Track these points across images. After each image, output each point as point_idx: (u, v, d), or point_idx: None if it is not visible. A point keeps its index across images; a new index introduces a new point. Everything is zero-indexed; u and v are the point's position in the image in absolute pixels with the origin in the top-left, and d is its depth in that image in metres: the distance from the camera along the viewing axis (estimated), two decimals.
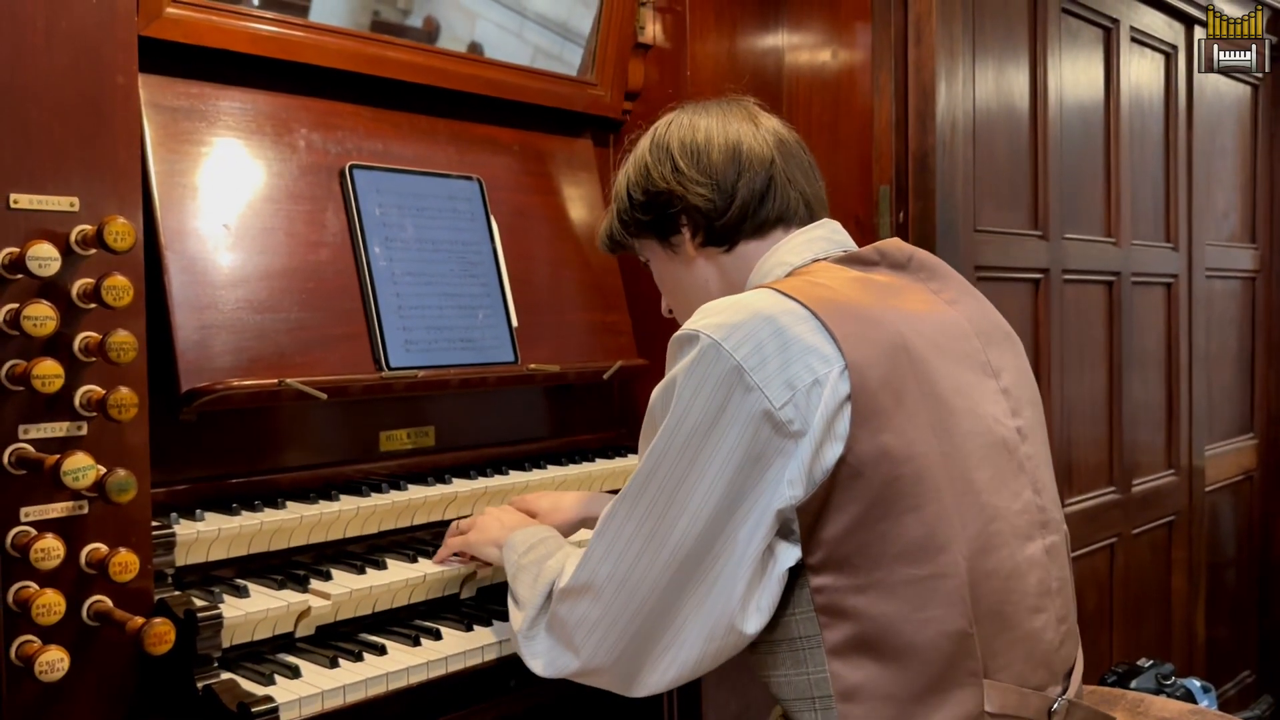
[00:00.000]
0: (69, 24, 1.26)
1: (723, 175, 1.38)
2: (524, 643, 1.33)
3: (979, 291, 1.43)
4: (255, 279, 1.64)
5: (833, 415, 1.14)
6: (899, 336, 1.19)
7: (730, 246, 1.40)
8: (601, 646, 1.24)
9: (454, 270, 1.88)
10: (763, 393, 1.14)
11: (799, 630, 1.20)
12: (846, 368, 1.14)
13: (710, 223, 1.39)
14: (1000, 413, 1.27)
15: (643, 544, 1.20)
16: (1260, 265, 3.84)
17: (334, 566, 1.58)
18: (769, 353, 1.15)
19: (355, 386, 1.70)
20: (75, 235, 1.24)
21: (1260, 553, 3.89)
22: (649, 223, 1.44)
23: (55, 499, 1.23)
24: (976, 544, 1.18)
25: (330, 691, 1.32)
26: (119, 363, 1.24)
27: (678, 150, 1.40)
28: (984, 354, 1.30)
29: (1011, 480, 1.25)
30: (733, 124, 1.41)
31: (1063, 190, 2.73)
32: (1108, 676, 2.62)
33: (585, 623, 1.25)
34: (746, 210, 1.38)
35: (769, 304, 1.19)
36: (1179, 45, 3.27)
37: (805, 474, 1.14)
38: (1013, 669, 1.21)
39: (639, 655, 1.23)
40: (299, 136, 1.76)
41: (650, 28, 2.24)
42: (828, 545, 1.15)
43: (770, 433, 1.14)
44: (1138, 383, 3.10)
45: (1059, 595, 1.29)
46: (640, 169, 1.44)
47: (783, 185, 1.39)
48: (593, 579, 1.24)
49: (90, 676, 1.25)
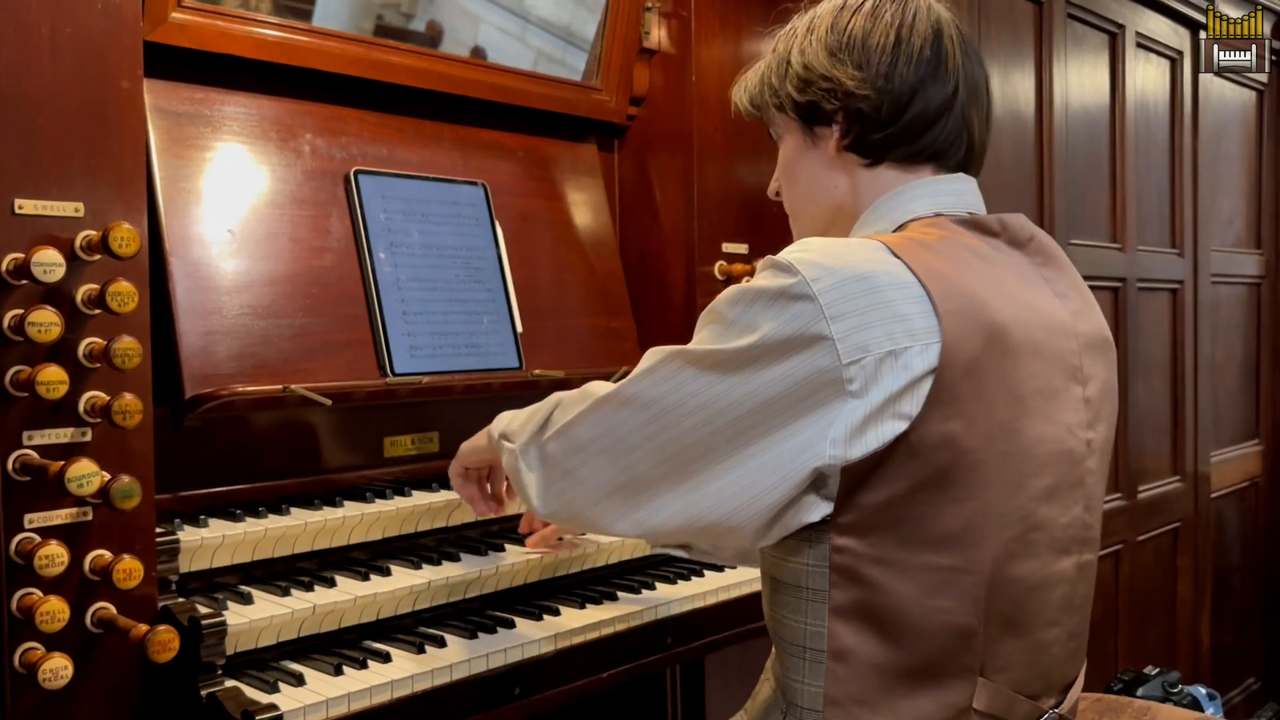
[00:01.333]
0: (74, 29, 1.25)
1: (901, 89, 1.23)
2: (520, 458, 1.31)
3: (1087, 288, 1.35)
4: (260, 284, 1.63)
5: (900, 391, 1.09)
6: (999, 324, 1.13)
7: (874, 162, 1.27)
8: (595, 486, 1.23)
9: (459, 276, 1.88)
10: (834, 343, 1.09)
11: (808, 581, 1.18)
12: (939, 343, 1.09)
13: (866, 131, 1.26)
14: (1077, 423, 1.22)
15: (679, 400, 1.15)
16: (1265, 271, 3.83)
17: (338, 573, 1.57)
18: (852, 308, 1.09)
19: (360, 392, 1.69)
20: (80, 241, 1.24)
21: (1266, 559, 3.87)
22: (801, 105, 1.29)
23: (59, 505, 1.23)
24: (1011, 548, 1.15)
25: (335, 699, 1.32)
26: (123, 369, 1.23)
27: (862, 43, 1.25)
28: (1079, 357, 1.24)
29: (1066, 493, 1.21)
30: (930, 30, 1.25)
31: (1068, 196, 2.73)
32: (1114, 684, 2.62)
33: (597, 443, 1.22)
34: (909, 133, 1.25)
35: (873, 260, 1.12)
36: (1184, 50, 3.27)
37: (851, 436, 1.10)
38: (1011, 674, 1.19)
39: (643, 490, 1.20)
40: (303, 142, 1.76)
41: (655, 33, 2.24)
42: (862, 511, 1.12)
43: (825, 383, 1.09)
44: (1143, 389, 3.09)
45: (1078, 612, 1.27)
46: (817, 44, 1.27)
47: (955, 122, 1.26)
48: (619, 411, 1.20)
49: (94, 684, 1.25)
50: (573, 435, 1.25)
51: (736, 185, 2.24)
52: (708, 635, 1.77)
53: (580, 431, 1.24)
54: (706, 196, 2.18)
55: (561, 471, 1.27)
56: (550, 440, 1.28)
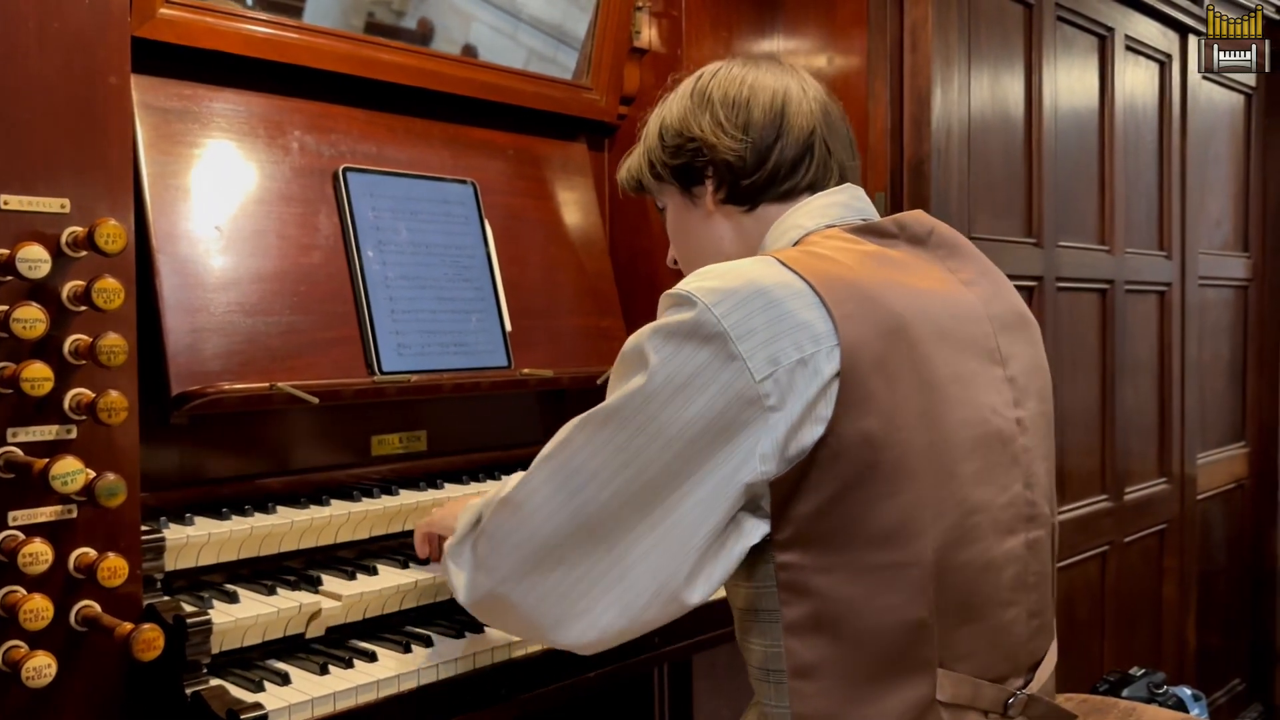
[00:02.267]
0: (61, 24, 1.25)
1: (761, 135, 1.32)
2: (450, 559, 1.30)
3: (998, 270, 1.38)
4: (247, 282, 1.63)
5: (816, 396, 1.11)
6: (899, 318, 1.16)
7: (751, 207, 1.35)
8: (522, 569, 1.19)
9: (447, 274, 1.87)
10: (745, 363, 1.11)
11: (761, 604, 1.19)
12: (839, 346, 1.11)
13: (736, 180, 1.34)
14: (1000, 403, 1.24)
15: (590, 474, 1.16)
16: (1253, 274, 3.85)
17: (325, 572, 1.57)
18: (757, 324, 1.12)
19: (347, 390, 1.69)
20: (66, 237, 1.23)
21: (1251, 561, 3.89)
22: (675, 168, 1.38)
23: (44, 503, 1.22)
24: (951, 535, 1.16)
25: (320, 699, 1.31)
26: (109, 366, 1.23)
27: (719, 100, 1.34)
28: (994, 339, 1.27)
29: (1001, 474, 1.23)
30: (780, 83, 1.35)
31: (1057, 198, 2.74)
32: (1099, 685, 2.62)
33: (511, 538, 1.20)
34: (777, 174, 1.33)
35: (766, 275, 1.15)
36: (1173, 54, 3.28)
37: (779, 451, 1.11)
38: (973, 660, 1.20)
39: (564, 597, 1.18)
40: (292, 139, 1.75)
41: (646, 32, 2.24)
42: (797, 523, 1.14)
43: (744, 404, 1.11)
44: (1130, 391, 3.10)
45: (1035, 590, 1.28)
46: (678, 112, 1.37)
47: (821, 155, 1.34)
48: (530, 496, 1.19)
49: (78, 683, 1.24)
50: (497, 535, 1.23)
51: None
52: (695, 635, 1.77)
53: (504, 531, 1.22)
54: None
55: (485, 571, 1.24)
56: (478, 540, 1.26)
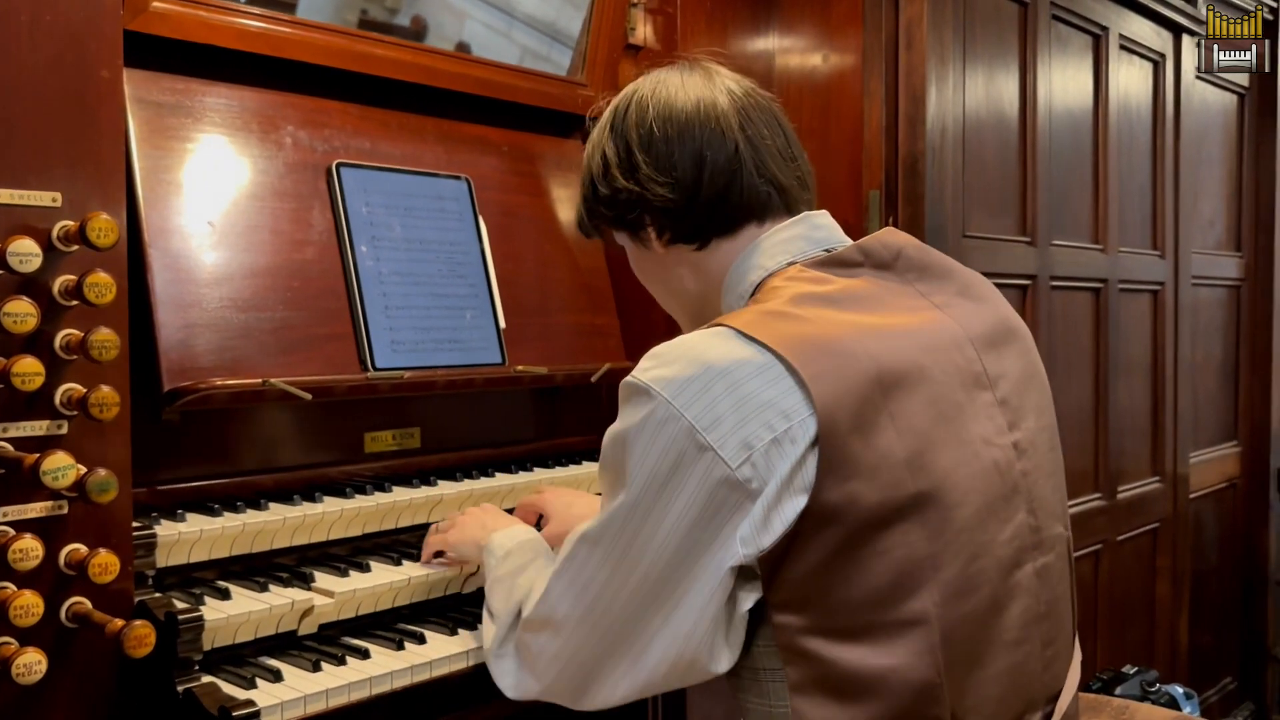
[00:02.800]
0: (53, 17, 1.24)
1: (684, 171, 1.27)
2: (494, 660, 1.33)
3: (982, 280, 1.34)
4: (240, 277, 1.62)
5: (793, 470, 1.08)
6: (874, 366, 1.11)
7: (702, 244, 1.31)
8: (562, 676, 1.25)
9: (441, 271, 1.87)
10: (717, 453, 1.09)
11: (763, 662, 1.17)
12: (814, 415, 1.08)
13: (675, 222, 1.30)
14: (992, 431, 1.20)
15: (601, 586, 1.19)
16: (1245, 274, 3.86)
17: (317, 569, 1.56)
18: (723, 411, 1.09)
19: (340, 387, 1.68)
20: (57, 231, 1.23)
21: (1243, 560, 3.90)
22: (614, 217, 1.35)
23: (34, 499, 1.21)
24: (954, 587, 1.12)
25: (313, 695, 1.31)
26: (100, 361, 1.22)
27: (636, 143, 1.30)
28: (979, 363, 1.22)
29: (1001, 507, 1.18)
30: (694, 105, 1.29)
31: (1051, 197, 2.74)
32: (1093, 683, 2.63)
33: (545, 654, 1.25)
34: (711, 208, 1.28)
35: (726, 353, 1.11)
36: (1167, 54, 3.28)
37: (758, 530, 1.09)
38: (984, 708, 1.16)
39: (595, 682, 1.23)
40: (285, 134, 1.75)
41: (641, 29, 2.23)
42: (789, 586, 1.11)
43: (727, 491, 1.10)
44: (1124, 390, 3.11)
45: (1047, 619, 1.23)
46: (600, 162, 1.34)
47: (748, 177, 1.27)
48: (552, 614, 1.23)
49: (69, 679, 1.24)
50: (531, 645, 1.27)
51: None
52: None
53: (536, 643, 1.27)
54: None
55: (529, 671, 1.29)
56: (518, 646, 1.31)
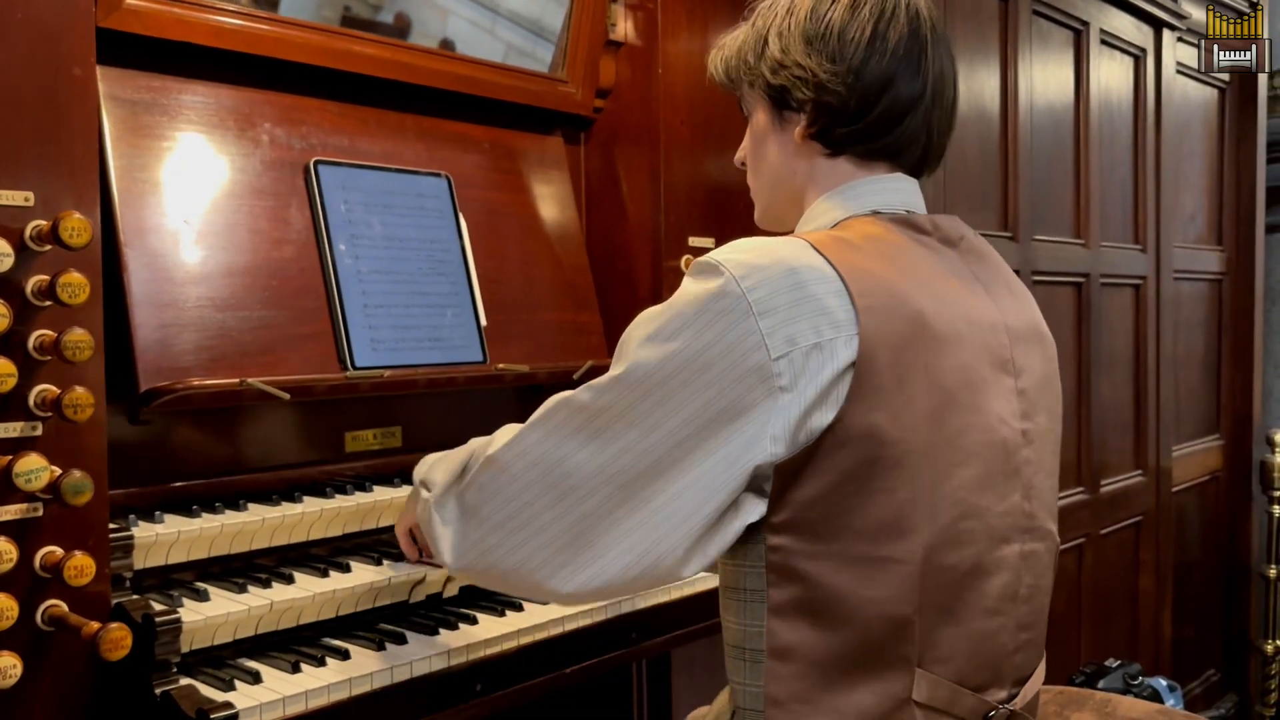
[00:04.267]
0: (24, 14, 1.22)
1: (870, 86, 1.25)
2: (435, 511, 1.28)
3: (1022, 284, 1.37)
4: (217, 276, 1.61)
5: (829, 383, 1.11)
6: (920, 316, 1.15)
7: (835, 153, 1.29)
8: (510, 525, 1.18)
9: (422, 269, 1.86)
10: (763, 338, 1.11)
11: (746, 583, 1.19)
12: (857, 336, 1.11)
13: (831, 124, 1.27)
14: (1008, 413, 1.23)
15: (590, 435, 1.15)
16: (1226, 268, 3.88)
17: (297, 569, 1.55)
18: (780, 303, 1.11)
19: (319, 386, 1.67)
20: (30, 231, 1.21)
21: (1226, 553, 3.92)
22: (774, 87, 1.29)
23: (8, 501, 1.20)
24: (942, 536, 1.16)
25: (292, 697, 1.30)
26: (75, 362, 1.21)
27: (839, 35, 1.25)
28: (1009, 350, 1.25)
29: (1001, 482, 1.22)
30: (906, 24, 1.26)
31: (1032, 192, 2.74)
32: (1076, 677, 2.64)
33: (500, 494, 1.18)
34: (872, 130, 1.27)
35: (797, 256, 1.15)
36: (1148, 48, 3.30)
37: (791, 433, 1.11)
38: (952, 664, 1.19)
39: (552, 554, 1.17)
40: (263, 131, 1.73)
41: (622, 25, 2.23)
42: (794, 507, 1.13)
43: (756, 381, 1.11)
44: (1106, 384, 3.12)
45: (1026, 603, 1.27)
46: (795, 29, 1.27)
47: (917, 124, 1.28)
48: (521, 457, 1.18)
49: (44, 683, 1.22)
50: (493, 484, 1.20)
51: (703, 179, 2.23)
52: (673, 630, 1.76)
53: (502, 480, 1.19)
54: (673, 190, 2.17)
55: (477, 521, 1.22)
56: (467, 488, 1.24)
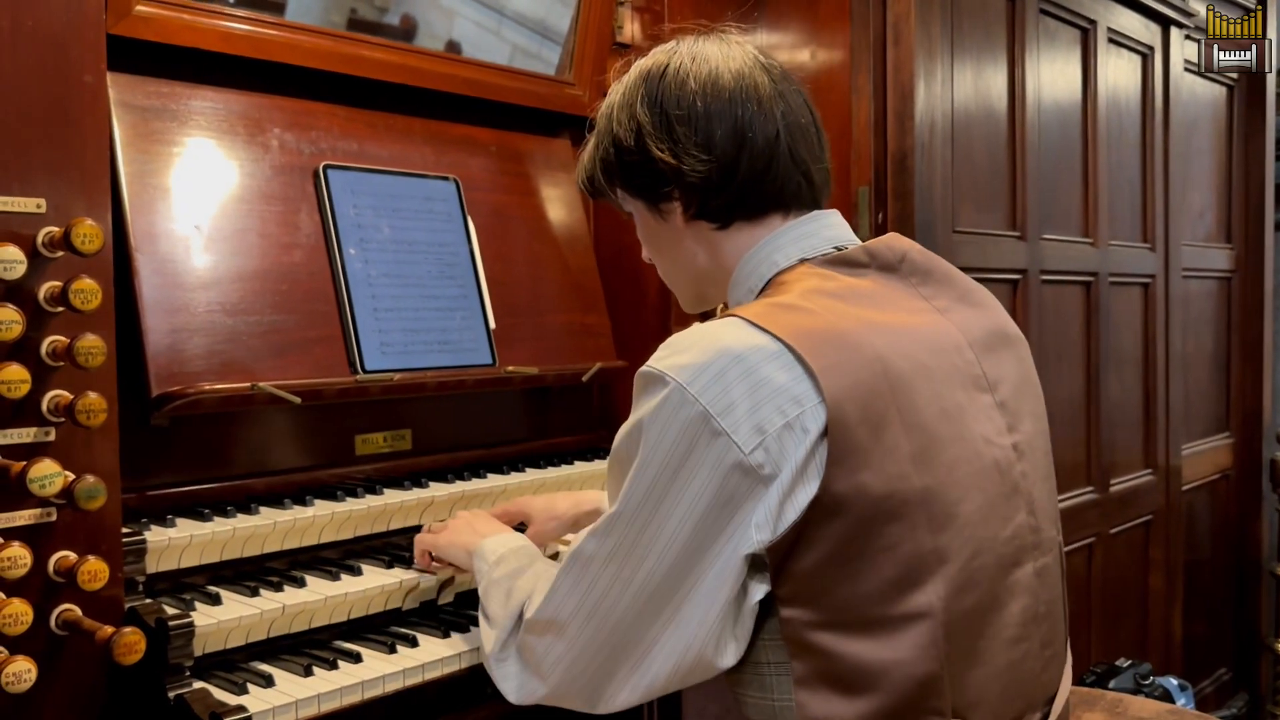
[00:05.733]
0: (34, 22, 1.23)
1: (724, 150, 1.23)
2: (495, 665, 1.31)
3: (980, 288, 1.35)
4: (228, 281, 1.61)
5: (806, 457, 1.08)
6: (880, 362, 1.12)
7: (724, 225, 1.28)
8: (568, 676, 1.23)
9: (430, 272, 1.86)
10: (730, 438, 1.09)
11: (766, 656, 1.17)
12: (823, 403, 1.08)
13: (705, 200, 1.26)
14: (993, 431, 1.20)
15: (609, 581, 1.17)
16: (1235, 265, 3.86)
17: (308, 573, 1.56)
18: (736, 396, 1.09)
19: (330, 390, 1.68)
20: (42, 237, 1.22)
21: (1236, 551, 3.91)
22: (639, 186, 1.30)
23: (22, 506, 1.21)
24: (956, 582, 1.13)
25: (304, 700, 1.30)
26: (87, 367, 1.22)
27: (675, 115, 1.24)
28: (978, 366, 1.23)
29: (1002, 505, 1.19)
30: (736, 81, 1.25)
31: (1040, 191, 2.74)
32: (1086, 677, 2.63)
33: (551, 654, 1.23)
34: (744, 191, 1.25)
35: (738, 340, 1.12)
36: (1155, 46, 3.29)
37: (774, 517, 1.09)
38: (985, 705, 1.16)
39: (604, 682, 1.21)
40: (272, 136, 1.74)
41: (629, 27, 2.23)
42: (796, 579, 1.11)
43: (740, 477, 1.09)
44: (1115, 383, 3.11)
45: (1045, 620, 1.24)
46: (631, 124, 1.27)
47: (785, 164, 1.26)
48: (558, 614, 1.22)
49: (59, 687, 1.23)
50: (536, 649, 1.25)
51: None
52: None
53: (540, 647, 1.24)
54: None
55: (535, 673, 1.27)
56: (520, 648, 1.28)
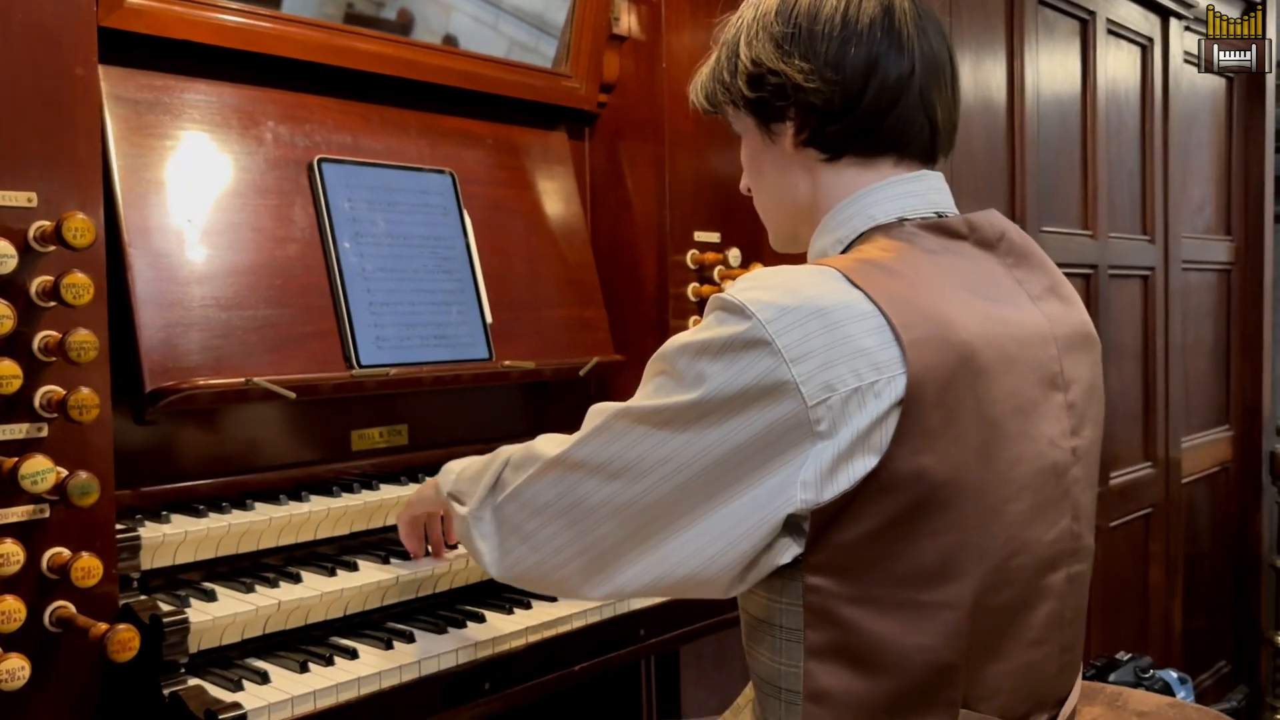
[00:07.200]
0: (25, 14, 1.22)
1: (852, 76, 1.17)
2: (472, 527, 1.27)
3: (1067, 282, 1.30)
4: (222, 276, 1.60)
5: (871, 426, 1.05)
6: (968, 346, 1.08)
7: (834, 157, 1.22)
8: (556, 539, 1.19)
9: (426, 266, 1.85)
10: (798, 386, 1.04)
11: (783, 620, 1.14)
12: (905, 374, 1.04)
13: (821, 125, 1.20)
14: (1058, 433, 1.17)
15: (623, 467, 1.12)
16: (1235, 257, 3.85)
17: (304, 569, 1.55)
18: (815, 347, 1.04)
19: (325, 385, 1.67)
20: (33, 232, 1.21)
21: (1236, 544, 3.91)
22: (753, 101, 1.24)
23: (14, 503, 1.20)
24: (991, 579, 1.11)
25: (300, 697, 1.30)
26: (79, 362, 1.21)
27: (809, 29, 1.18)
28: (1058, 363, 1.19)
29: (1051, 509, 1.16)
30: (881, 19, 1.19)
31: (1039, 183, 2.73)
32: (1086, 670, 2.63)
33: (550, 508, 1.18)
34: (865, 123, 1.19)
35: (829, 293, 1.07)
36: (1154, 38, 3.28)
37: (822, 478, 1.06)
38: (997, 700, 1.15)
39: (595, 567, 1.17)
40: (266, 130, 1.73)
41: (625, 19, 2.22)
42: (834, 549, 1.08)
43: (793, 427, 1.05)
44: (1115, 375, 3.10)
45: (1070, 626, 1.22)
46: (763, 35, 1.21)
47: (913, 105, 1.19)
48: (572, 470, 1.16)
49: (52, 685, 1.22)
50: (526, 499, 1.21)
51: (708, 173, 2.22)
52: (681, 626, 1.76)
53: (533, 495, 1.21)
54: (678, 185, 2.17)
55: (519, 537, 1.23)
56: (504, 503, 1.24)
